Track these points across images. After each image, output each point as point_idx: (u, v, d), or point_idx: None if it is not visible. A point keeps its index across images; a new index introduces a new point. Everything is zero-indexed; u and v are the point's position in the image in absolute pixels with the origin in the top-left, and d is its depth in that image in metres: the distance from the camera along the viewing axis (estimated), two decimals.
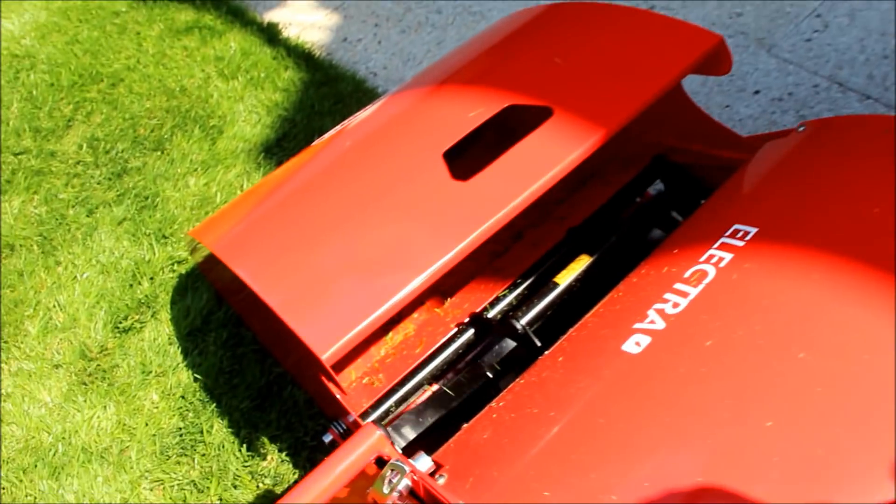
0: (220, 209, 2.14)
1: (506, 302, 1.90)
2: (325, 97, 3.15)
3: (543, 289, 1.76)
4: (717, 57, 1.75)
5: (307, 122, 3.05)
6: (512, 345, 1.77)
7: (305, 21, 3.74)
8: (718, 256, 1.38)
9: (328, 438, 1.68)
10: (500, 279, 2.07)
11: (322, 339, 1.41)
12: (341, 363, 2.08)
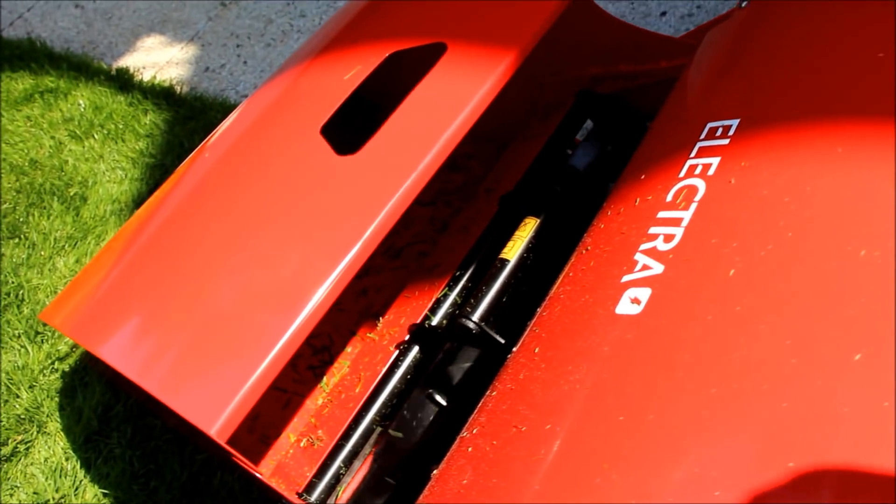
0: (73, 280, 1.71)
1: (448, 302, 1.54)
2: (195, 132, 2.74)
3: (490, 271, 1.39)
4: None
5: (179, 163, 2.63)
6: (472, 352, 1.40)
7: (160, 60, 3.33)
8: (702, 164, 1.05)
9: None
10: (436, 279, 1.70)
11: (208, 412, 1.01)
12: (275, 425, 1.69)
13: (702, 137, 1.10)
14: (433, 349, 1.45)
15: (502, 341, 1.29)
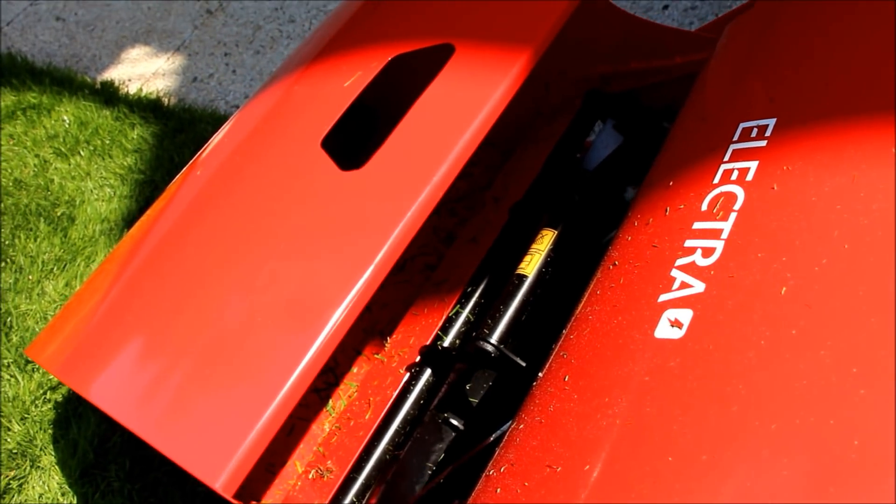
0: (61, 309, 1.61)
1: (461, 321, 1.45)
2: (184, 145, 2.65)
3: (507, 288, 1.30)
4: None
5: (169, 178, 2.54)
6: (488, 374, 1.31)
7: (146, 72, 3.23)
8: (738, 169, 0.96)
9: None
10: (445, 294, 1.61)
11: (211, 463, 0.93)
12: (280, 453, 1.59)
13: (735, 139, 1.01)
14: (446, 371, 1.36)
15: (524, 364, 1.21)
